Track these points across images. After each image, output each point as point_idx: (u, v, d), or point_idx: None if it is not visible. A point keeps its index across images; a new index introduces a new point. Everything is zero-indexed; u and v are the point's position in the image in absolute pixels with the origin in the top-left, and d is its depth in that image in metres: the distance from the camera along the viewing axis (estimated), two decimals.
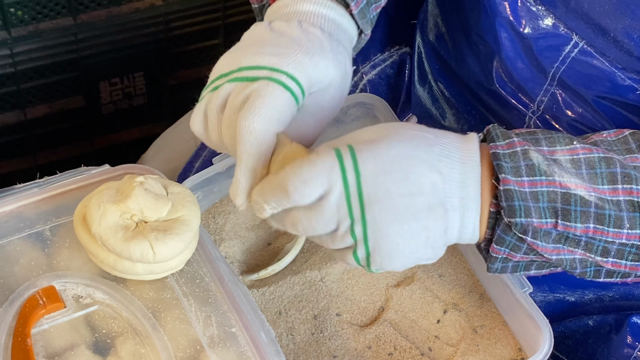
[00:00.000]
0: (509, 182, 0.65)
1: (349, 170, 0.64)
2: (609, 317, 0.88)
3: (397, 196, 0.64)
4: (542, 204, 0.66)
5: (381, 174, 0.64)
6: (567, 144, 0.68)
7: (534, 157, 0.66)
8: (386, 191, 0.64)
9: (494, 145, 0.67)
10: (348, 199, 0.64)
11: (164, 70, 1.42)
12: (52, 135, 1.40)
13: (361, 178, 0.64)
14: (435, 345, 0.84)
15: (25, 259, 0.77)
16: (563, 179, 0.66)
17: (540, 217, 0.66)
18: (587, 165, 0.67)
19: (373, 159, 0.64)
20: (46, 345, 0.72)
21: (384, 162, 0.64)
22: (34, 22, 1.26)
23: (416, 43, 1.00)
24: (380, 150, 0.65)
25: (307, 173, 0.64)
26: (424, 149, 0.66)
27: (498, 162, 0.66)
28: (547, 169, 0.66)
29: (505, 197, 0.66)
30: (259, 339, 0.74)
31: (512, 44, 0.84)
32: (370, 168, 0.64)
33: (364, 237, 0.65)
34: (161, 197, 0.76)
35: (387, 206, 0.64)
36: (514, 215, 0.66)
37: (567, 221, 0.66)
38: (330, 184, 0.64)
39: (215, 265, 0.79)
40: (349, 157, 0.64)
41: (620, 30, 0.75)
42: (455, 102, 0.97)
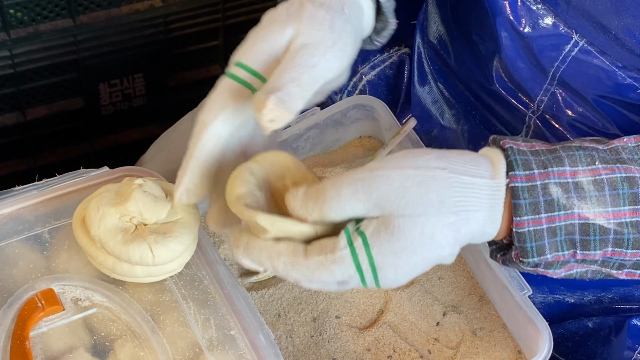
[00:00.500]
0: (524, 225, 0.66)
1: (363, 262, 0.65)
2: (608, 319, 0.88)
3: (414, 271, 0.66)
4: (559, 237, 0.67)
5: (400, 276, 0.66)
6: (589, 164, 0.67)
7: (554, 192, 0.66)
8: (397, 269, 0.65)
9: (514, 175, 0.66)
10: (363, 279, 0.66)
11: (163, 72, 1.41)
12: (51, 137, 1.40)
13: (379, 279, 0.66)
14: (434, 347, 0.84)
15: (24, 261, 0.77)
16: (582, 210, 0.66)
17: (557, 251, 0.67)
18: (610, 185, 0.67)
19: (393, 269, 0.65)
20: (45, 348, 0.72)
21: (403, 268, 0.65)
22: (33, 24, 1.26)
23: (416, 43, 1.00)
24: (399, 256, 0.65)
25: (326, 276, 0.65)
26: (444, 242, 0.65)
27: (516, 200, 0.66)
28: (567, 203, 0.66)
29: (518, 239, 0.66)
30: (258, 341, 0.74)
31: (512, 43, 0.84)
32: (390, 275, 0.65)
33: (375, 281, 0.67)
34: (160, 199, 0.76)
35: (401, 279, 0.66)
36: (526, 256, 0.67)
37: (586, 250, 0.67)
38: (346, 275, 0.65)
39: (214, 267, 0.79)
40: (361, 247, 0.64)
41: (622, 28, 0.75)
42: (455, 102, 0.97)
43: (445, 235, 0.65)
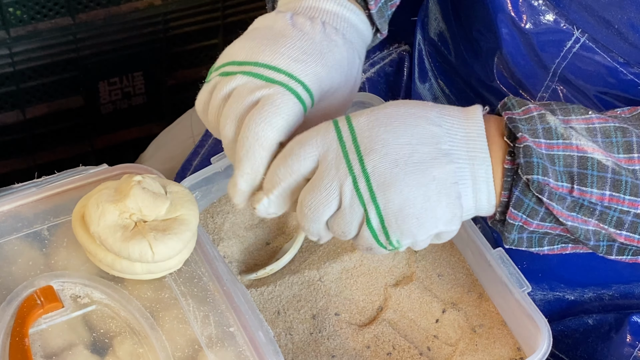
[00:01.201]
0: (527, 140, 0.65)
1: (343, 128, 0.64)
2: (608, 316, 0.88)
3: (395, 145, 0.64)
4: (558, 167, 0.65)
5: (376, 126, 0.64)
6: (582, 114, 0.68)
7: (551, 121, 0.66)
8: (383, 140, 0.64)
9: (510, 112, 0.67)
10: (345, 154, 0.64)
11: (163, 70, 1.41)
12: (51, 135, 1.40)
13: (356, 132, 0.64)
14: (434, 344, 0.84)
15: (23, 258, 0.77)
16: (580, 142, 0.66)
17: (556, 180, 0.65)
18: (603, 134, 0.67)
19: (367, 116, 0.65)
20: (44, 345, 0.72)
21: (378, 117, 0.65)
22: (32, 22, 1.26)
23: (416, 40, 1.00)
24: (375, 111, 0.66)
25: (301, 136, 0.65)
26: (421, 108, 0.66)
27: (514, 124, 0.65)
28: (564, 132, 0.66)
29: (524, 153, 0.64)
30: (257, 338, 0.74)
31: (513, 39, 0.84)
32: (364, 122, 0.65)
33: (371, 194, 0.64)
34: (159, 196, 0.76)
35: (385, 153, 0.64)
36: (532, 171, 0.64)
37: (584, 186, 0.65)
38: (326, 143, 0.64)
39: (213, 264, 0.79)
40: (344, 120, 0.65)
41: (625, 22, 0.75)
42: (456, 99, 0.97)
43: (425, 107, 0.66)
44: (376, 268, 0.88)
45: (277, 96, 0.67)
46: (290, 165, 0.64)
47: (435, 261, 0.89)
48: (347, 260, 0.87)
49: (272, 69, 0.68)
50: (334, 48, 0.71)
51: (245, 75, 0.68)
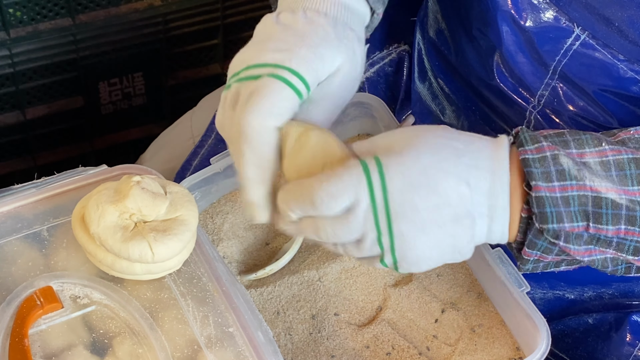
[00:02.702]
0: (541, 189, 0.66)
1: (376, 186, 0.65)
2: (608, 315, 0.88)
3: (424, 210, 0.66)
4: (573, 208, 0.66)
5: (408, 190, 0.65)
6: (595, 146, 0.68)
7: (564, 162, 0.67)
8: (413, 206, 0.66)
9: (523, 150, 0.67)
10: (375, 213, 0.66)
11: (163, 71, 1.42)
12: (51, 136, 1.40)
13: (388, 194, 0.65)
14: (433, 344, 0.84)
15: (23, 259, 0.77)
16: (594, 183, 0.67)
17: (572, 222, 0.67)
18: (617, 167, 0.67)
19: (400, 174, 0.65)
20: (44, 345, 0.72)
21: (411, 177, 0.65)
22: (32, 23, 1.26)
23: (416, 40, 1.00)
24: (407, 164, 0.66)
25: (334, 186, 0.65)
26: (452, 161, 0.66)
27: (528, 168, 0.67)
28: (578, 174, 0.67)
29: (537, 204, 0.66)
30: (256, 338, 0.74)
31: (513, 37, 0.84)
32: (397, 184, 0.65)
33: (391, 249, 0.67)
34: (158, 196, 0.76)
35: (414, 220, 0.66)
36: (546, 222, 0.66)
37: (599, 224, 0.67)
38: (357, 198, 0.65)
39: (213, 265, 0.79)
40: (376, 172, 0.65)
41: (626, 19, 0.75)
42: (455, 98, 0.97)
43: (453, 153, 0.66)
44: (375, 268, 0.88)
45: (262, 86, 0.69)
46: (321, 211, 0.66)
47: None
48: (346, 260, 0.87)
49: (260, 66, 0.70)
50: (316, 27, 0.72)
51: (239, 82, 0.71)
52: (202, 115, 1.09)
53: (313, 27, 0.72)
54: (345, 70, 0.73)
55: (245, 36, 1.44)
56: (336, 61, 0.72)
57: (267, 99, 0.68)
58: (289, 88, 0.69)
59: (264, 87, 0.68)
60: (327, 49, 0.71)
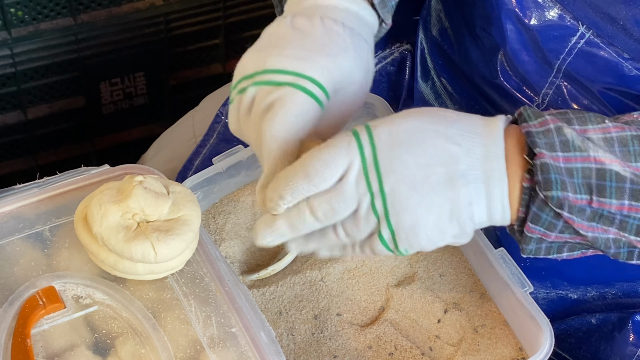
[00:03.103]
0: (544, 156, 0.65)
1: (365, 145, 0.65)
2: (612, 315, 0.88)
3: (414, 166, 0.65)
4: (576, 179, 0.66)
5: (396, 146, 0.65)
6: (598, 123, 0.68)
7: (568, 133, 0.66)
8: (402, 162, 0.65)
9: (527, 124, 0.67)
10: (366, 173, 0.65)
11: (164, 70, 1.41)
12: (52, 136, 1.40)
13: (377, 151, 0.65)
14: (436, 345, 0.84)
15: (25, 259, 0.77)
16: (597, 153, 0.66)
17: (575, 192, 0.65)
18: (620, 143, 0.67)
19: (388, 132, 0.65)
20: (46, 345, 0.72)
21: (399, 134, 0.65)
22: (34, 23, 1.26)
23: (419, 39, 1.00)
24: (395, 124, 0.66)
25: (326, 154, 0.65)
26: (442, 124, 0.66)
27: (532, 138, 0.66)
28: (582, 145, 0.66)
29: (542, 170, 0.65)
30: (259, 339, 0.74)
31: (517, 36, 0.84)
32: (385, 139, 0.65)
33: (385, 212, 0.66)
34: (161, 195, 0.76)
35: (403, 176, 0.65)
36: (550, 188, 0.65)
37: (602, 197, 0.66)
38: (350, 161, 0.65)
39: (215, 265, 0.79)
40: (365, 133, 0.65)
41: (630, 18, 0.75)
42: (459, 97, 0.97)
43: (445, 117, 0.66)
44: (378, 268, 0.88)
45: (287, 96, 0.68)
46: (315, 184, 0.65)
47: (437, 261, 0.89)
48: (348, 260, 0.87)
49: (280, 72, 0.69)
50: (335, 37, 0.72)
51: (256, 85, 0.70)
52: (204, 115, 1.09)
53: (332, 36, 0.72)
54: (361, 81, 0.73)
55: (246, 36, 1.44)
56: (354, 72, 0.72)
57: (293, 113, 0.68)
58: (311, 99, 0.69)
59: (287, 98, 0.68)
60: (346, 60, 0.71)
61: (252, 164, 0.91)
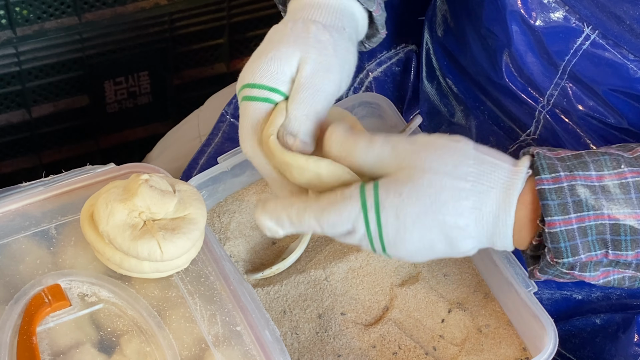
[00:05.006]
0: (555, 225, 0.66)
1: (371, 222, 0.68)
2: (616, 315, 0.88)
3: (418, 243, 0.69)
4: (590, 237, 0.67)
5: (402, 231, 0.68)
6: (614, 168, 0.68)
7: (581, 193, 0.67)
8: (408, 242, 0.69)
9: (540, 179, 0.67)
10: (370, 240, 0.69)
11: (168, 70, 1.42)
12: (57, 134, 1.41)
13: (383, 232, 0.68)
14: (439, 344, 0.84)
15: (31, 257, 0.77)
16: (612, 211, 0.67)
17: (589, 251, 0.67)
18: (637, 189, 0.67)
19: (395, 216, 0.68)
20: (51, 343, 0.73)
21: (405, 220, 0.68)
22: (39, 21, 1.26)
23: (424, 40, 1.00)
24: (404, 207, 0.67)
25: (334, 216, 0.69)
26: (452, 206, 0.67)
27: (544, 201, 0.66)
28: (595, 203, 0.66)
29: (551, 239, 0.66)
30: (263, 337, 0.74)
31: (522, 37, 0.84)
32: (392, 224, 0.68)
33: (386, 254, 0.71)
34: (167, 193, 0.76)
35: (407, 249, 0.69)
36: (561, 257, 0.67)
37: (618, 250, 0.67)
38: (354, 227, 0.69)
39: (220, 264, 0.79)
40: (373, 210, 0.68)
41: (637, 17, 0.75)
42: (464, 98, 0.97)
43: (453, 198, 0.67)
44: (382, 268, 0.88)
45: (242, 112, 0.74)
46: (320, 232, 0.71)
47: (441, 261, 0.89)
48: (353, 260, 0.88)
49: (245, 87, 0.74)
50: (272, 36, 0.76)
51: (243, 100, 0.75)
52: (209, 114, 1.09)
53: (271, 36, 0.76)
54: (311, 57, 0.73)
55: (251, 35, 1.44)
56: (294, 54, 0.73)
57: (243, 123, 0.73)
58: (254, 102, 0.73)
59: (241, 112, 0.74)
60: (280, 49, 0.73)
61: None
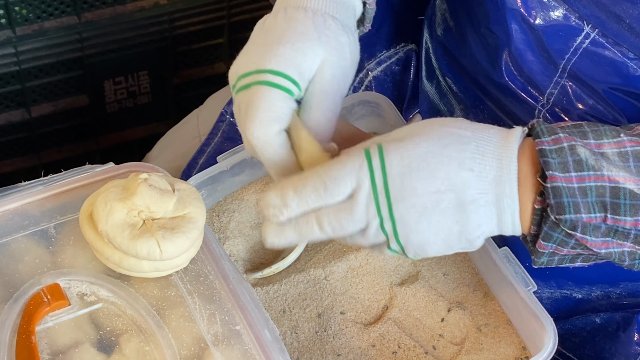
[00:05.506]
0: (557, 179, 0.65)
1: (376, 170, 0.66)
2: (616, 314, 0.88)
3: (424, 194, 0.66)
4: (590, 198, 0.66)
5: (407, 173, 0.66)
6: (614, 137, 0.68)
7: (582, 152, 0.66)
8: (413, 189, 0.66)
9: (540, 141, 0.67)
10: (376, 198, 0.66)
11: (168, 69, 1.42)
12: (56, 134, 1.41)
13: (388, 178, 0.66)
14: (439, 343, 0.84)
15: (30, 256, 0.77)
16: (611, 172, 0.66)
17: (589, 212, 0.66)
18: (635, 157, 0.67)
19: (400, 158, 0.66)
20: (50, 342, 0.73)
21: (410, 161, 0.66)
22: (38, 21, 1.26)
23: (423, 39, 1.00)
24: (407, 149, 0.66)
25: (336, 171, 0.66)
26: (455, 147, 0.66)
27: (545, 158, 0.66)
28: (595, 164, 0.66)
29: (554, 194, 0.65)
30: (263, 336, 0.74)
31: (522, 35, 0.84)
32: (396, 167, 0.66)
33: (395, 234, 0.67)
34: (166, 192, 0.76)
35: (413, 204, 0.66)
36: (563, 212, 0.66)
37: (617, 215, 0.66)
38: (359, 183, 0.66)
39: (219, 263, 0.79)
40: (377, 157, 0.66)
41: (636, 16, 0.75)
42: (463, 97, 0.97)
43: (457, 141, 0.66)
44: (382, 267, 0.88)
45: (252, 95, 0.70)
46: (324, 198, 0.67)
47: (441, 260, 0.89)
48: (352, 259, 0.87)
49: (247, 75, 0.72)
50: (295, 24, 0.73)
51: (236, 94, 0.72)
52: (208, 113, 1.09)
53: (291, 24, 0.73)
54: (333, 61, 0.73)
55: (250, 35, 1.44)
56: (318, 53, 0.72)
57: (261, 109, 0.69)
58: (276, 89, 0.70)
59: (254, 96, 0.70)
60: (305, 43, 0.71)
61: (257, 162, 0.91)
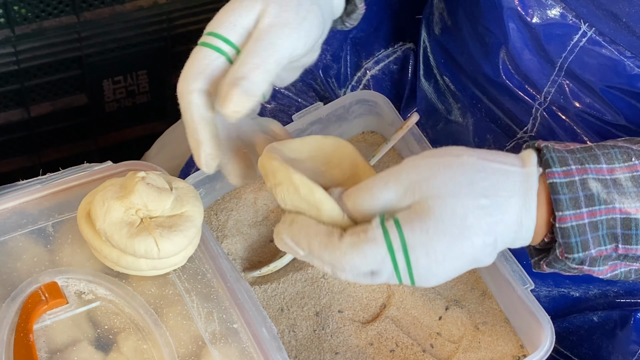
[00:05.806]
0: (566, 220, 0.65)
1: (400, 263, 0.65)
2: (614, 313, 0.88)
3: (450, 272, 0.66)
4: (601, 232, 0.66)
5: (433, 266, 0.65)
6: (625, 161, 0.67)
7: (593, 187, 0.66)
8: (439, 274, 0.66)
9: (551, 172, 0.66)
10: (399, 278, 0.66)
11: (167, 69, 1.42)
12: (55, 133, 1.40)
13: (412, 268, 0.65)
14: (437, 341, 0.84)
15: (28, 255, 0.77)
16: (623, 205, 0.66)
17: (599, 245, 0.66)
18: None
19: (425, 255, 0.65)
20: (48, 341, 0.73)
21: (436, 251, 0.64)
22: (37, 20, 1.26)
23: (421, 38, 1.00)
24: (432, 243, 0.64)
25: (358, 259, 0.65)
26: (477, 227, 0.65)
27: (556, 196, 0.66)
28: (607, 197, 0.66)
29: (562, 234, 0.66)
30: (260, 335, 0.75)
31: (519, 34, 0.84)
32: (422, 261, 0.65)
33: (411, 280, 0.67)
34: (164, 190, 0.76)
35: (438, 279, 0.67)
36: (571, 252, 0.66)
37: (628, 244, 0.67)
38: (380, 269, 0.65)
39: (217, 261, 0.79)
40: (400, 253, 0.64)
41: (633, 15, 0.75)
42: (461, 96, 0.97)
43: (478, 218, 0.64)
44: None
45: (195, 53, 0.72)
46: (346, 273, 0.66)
47: None
48: None
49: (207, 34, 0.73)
50: None
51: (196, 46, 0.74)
52: None
53: None
54: (272, 12, 0.72)
55: None
56: (255, 7, 0.72)
57: (186, 66, 0.72)
58: (204, 48, 0.72)
59: (191, 56, 0.72)
60: (242, 2, 0.72)
61: None
